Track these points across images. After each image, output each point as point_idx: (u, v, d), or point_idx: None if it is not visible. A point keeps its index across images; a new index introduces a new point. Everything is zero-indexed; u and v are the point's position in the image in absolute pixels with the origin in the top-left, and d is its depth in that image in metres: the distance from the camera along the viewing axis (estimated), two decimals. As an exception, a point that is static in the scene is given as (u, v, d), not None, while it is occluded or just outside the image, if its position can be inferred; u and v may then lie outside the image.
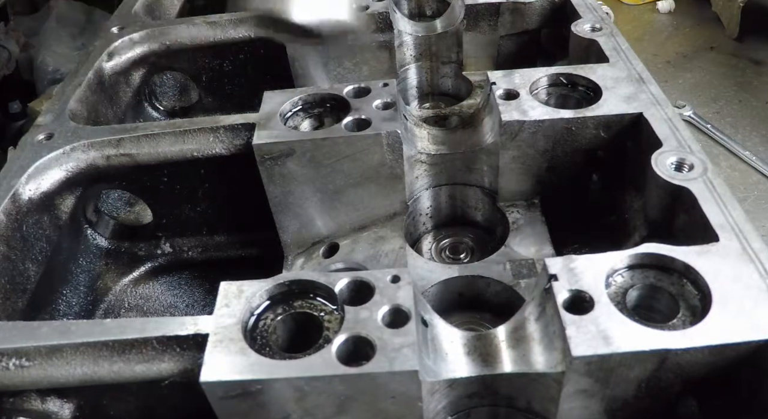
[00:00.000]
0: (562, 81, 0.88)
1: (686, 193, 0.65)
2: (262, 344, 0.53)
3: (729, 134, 2.72)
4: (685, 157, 0.69)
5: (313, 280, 0.56)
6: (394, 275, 0.56)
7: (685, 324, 0.53)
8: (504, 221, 0.93)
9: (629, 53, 0.90)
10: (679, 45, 3.43)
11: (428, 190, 0.98)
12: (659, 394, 0.54)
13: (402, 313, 0.53)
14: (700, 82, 3.11)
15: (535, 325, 0.57)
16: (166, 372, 0.55)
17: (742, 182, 2.51)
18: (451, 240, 1.02)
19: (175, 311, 1.02)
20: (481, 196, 0.97)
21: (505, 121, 0.81)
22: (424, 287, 0.83)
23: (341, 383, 0.50)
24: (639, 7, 3.81)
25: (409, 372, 0.49)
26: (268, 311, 0.56)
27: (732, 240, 0.58)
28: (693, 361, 0.51)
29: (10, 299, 0.74)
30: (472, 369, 0.57)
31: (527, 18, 1.11)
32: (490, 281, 0.84)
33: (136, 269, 1.00)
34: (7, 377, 0.54)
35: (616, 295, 0.56)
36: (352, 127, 0.83)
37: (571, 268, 0.56)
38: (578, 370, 0.51)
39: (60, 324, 0.55)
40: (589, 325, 0.51)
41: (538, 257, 0.86)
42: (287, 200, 0.88)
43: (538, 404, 0.58)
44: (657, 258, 0.57)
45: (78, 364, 0.54)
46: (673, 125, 0.75)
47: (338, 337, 0.51)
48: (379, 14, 1.07)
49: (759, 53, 3.23)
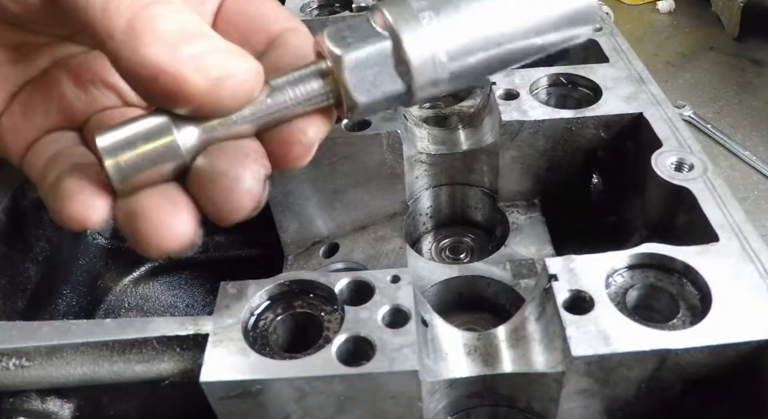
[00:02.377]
0: (562, 81, 0.88)
1: (686, 193, 0.65)
2: (262, 344, 0.53)
3: (729, 134, 2.72)
4: (685, 157, 0.69)
5: (313, 280, 0.56)
6: (394, 275, 0.56)
7: (685, 324, 0.53)
8: (504, 221, 0.93)
9: (629, 53, 0.90)
10: (679, 45, 3.43)
11: (428, 190, 0.98)
12: (659, 394, 0.54)
13: (402, 313, 0.53)
14: (700, 82, 3.11)
15: (535, 325, 0.57)
16: (166, 372, 0.55)
17: (742, 182, 2.51)
18: (451, 240, 1.02)
19: (175, 311, 1.02)
20: (481, 196, 0.97)
21: (505, 121, 0.81)
22: (424, 287, 0.83)
23: (341, 383, 0.50)
24: (639, 7, 3.81)
25: (409, 372, 0.49)
26: (268, 311, 0.56)
27: (732, 240, 0.58)
28: (693, 361, 0.51)
29: (10, 299, 0.74)
30: (472, 369, 0.57)
31: (527, 18, 1.11)
32: (490, 281, 0.84)
33: (136, 269, 1.00)
34: (7, 377, 0.54)
35: (616, 295, 0.56)
36: (351, 127, 0.83)
37: (571, 268, 0.56)
38: (578, 370, 0.51)
39: (60, 324, 0.55)
40: (589, 325, 0.51)
41: (538, 257, 0.86)
42: (287, 200, 0.88)
43: (539, 404, 0.58)
44: (657, 258, 0.57)
45: (78, 364, 0.54)
46: (673, 125, 0.75)
47: (338, 337, 0.51)
48: (379, 14, 1.07)
49: (759, 53, 3.23)
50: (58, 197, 0.47)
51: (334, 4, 1.11)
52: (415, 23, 0.46)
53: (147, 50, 0.41)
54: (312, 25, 1.02)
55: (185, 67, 0.41)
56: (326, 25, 1.04)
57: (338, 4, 1.11)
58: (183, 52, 0.42)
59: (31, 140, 0.55)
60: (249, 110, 0.47)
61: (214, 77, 0.42)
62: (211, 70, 0.42)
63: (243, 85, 0.44)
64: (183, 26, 0.43)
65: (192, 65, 0.42)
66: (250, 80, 0.45)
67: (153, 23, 0.42)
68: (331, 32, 0.48)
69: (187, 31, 0.43)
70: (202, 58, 0.42)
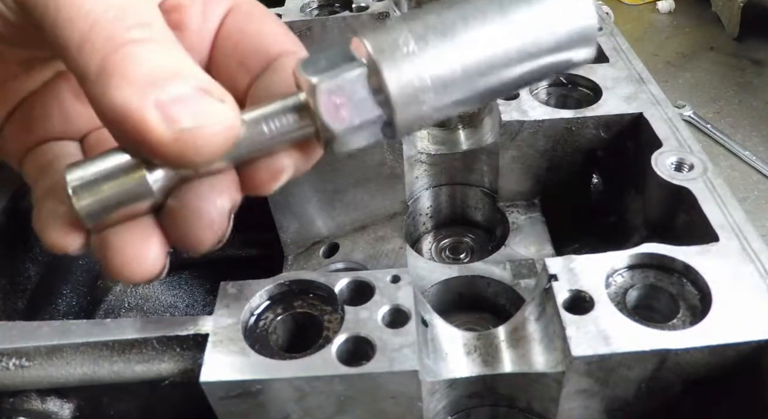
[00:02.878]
0: (562, 81, 0.88)
1: (686, 193, 0.65)
2: (262, 344, 0.53)
3: (729, 134, 2.72)
4: (685, 157, 0.69)
5: (313, 280, 0.56)
6: (394, 275, 0.56)
7: (685, 324, 0.53)
8: (504, 221, 0.93)
9: (629, 53, 0.90)
10: (679, 45, 3.43)
11: (428, 190, 0.98)
12: (659, 394, 0.54)
13: (402, 313, 0.53)
14: (700, 82, 3.11)
15: (535, 325, 0.57)
16: (166, 372, 0.55)
17: (742, 182, 2.51)
18: (451, 240, 1.02)
19: (175, 311, 1.02)
20: (481, 196, 0.97)
21: (505, 121, 0.81)
22: (424, 287, 0.83)
23: (341, 383, 0.50)
24: (639, 7, 3.81)
25: (409, 372, 0.49)
26: (268, 311, 0.56)
27: (732, 240, 0.58)
28: (693, 361, 0.51)
29: (10, 299, 0.74)
30: (472, 369, 0.57)
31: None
32: (490, 281, 0.84)
33: (136, 270, 1.00)
34: (7, 377, 0.54)
35: (616, 295, 0.56)
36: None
37: (571, 268, 0.56)
38: (578, 370, 0.51)
39: (60, 324, 0.55)
40: (589, 325, 0.51)
41: (538, 257, 0.86)
42: (287, 200, 0.88)
43: (538, 404, 0.58)
44: (657, 258, 0.57)
45: (78, 364, 0.54)
46: (673, 125, 0.75)
47: (338, 337, 0.51)
48: (379, 14, 1.07)
49: (759, 53, 3.23)
50: (41, 217, 0.46)
51: (334, 4, 1.11)
52: (395, 52, 0.43)
53: (115, 93, 0.39)
54: (312, 25, 1.03)
55: (150, 115, 0.39)
56: (326, 25, 1.04)
57: (338, 4, 1.11)
58: (150, 98, 0.39)
59: (31, 146, 0.55)
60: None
61: (179, 128, 0.39)
62: (180, 119, 0.39)
63: (212, 139, 0.41)
64: (157, 68, 0.40)
65: (158, 113, 0.39)
66: (221, 133, 0.41)
67: (124, 65, 0.39)
68: (305, 61, 0.44)
69: (161, 73, 0.40)
70: (172, 105, 0.40)
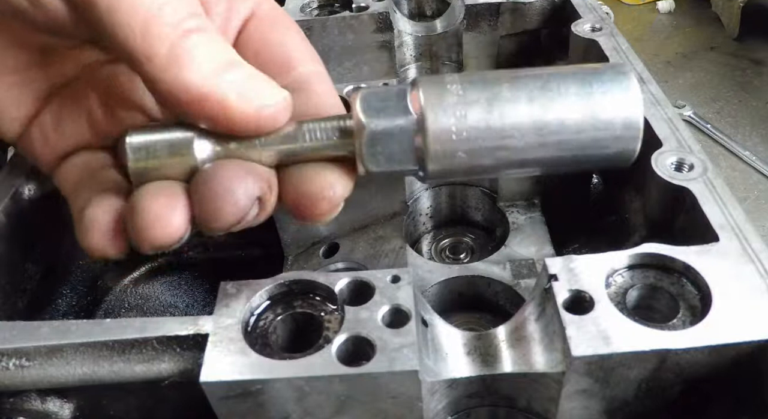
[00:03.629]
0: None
1: (686, 193, 0.65)
2: (262, 344, 0.53)
3: (729, 134, 2.72)
4: (685, 157, 0.69)
5: (313, 280, 0.56)
6: (394, 275, 0.56)
7: (685, 324, 0.53)
8: (504, 221, 0.93)
9: (629, 53, 0.90)
10: (679, 45, 3.43)
11: (428, 190, 0.98)
12: (659, 394, 0.54)
13: (402, 313, 0.53)
14: (700, 82, 3.12)
15: (535, 325, 0.57)
16: (166, 372, 0.54)
17: (742, 182, 2.52)
18: (451, 240, 1.02)
19: (175, 311, 1.02)
20: (481, 196, 0.97)
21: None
22: (424, 287, 0.83)
23: (341, 383, 0.50)
24: (639, 7, 3.81)
25: (409, 372, 0.49)
26: (268, 311, 0.56)
27: (732, 240, 0.58)
28: (693, 361, 0.51)
29: (10, 299, 0.74)
30: (472, 369, 0.57)
31: (527, 18, 1.11)
32: (490, 281, 0.84)
33: (136, 269, 1.00)
34: (7, 377, 0.54)
35: (616, 295, 0.56)
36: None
37: (571, 268, 0.56)
38: (578, 370, 0.51)
39: (60, 324, 0.55)
40: (589, 325, 0.51)
41: (538, 257, 0.86)
42: (287, 200, 0.88)
43: (538, 404, 0.58)
44: (657, 258, 0.57)
45: (78, 364, 0.54)
46: (673, 125, 0.75)
47: (338, 337, 0.51)
48: (379, 14, 1.07)
49: (759, 53, 3.23)
50: (82, 226, 0.50)
51: (334, 4, 1.12)
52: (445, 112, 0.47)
53: (193, 76, 0.44)
54: (312, 25, 1.03)
55: (229, 94, 0.45)
56: (326, 25, 1.04)
57: (338, 4, 1.11)
58: (225, 78, 0.45)
59: (62, 154, 0.57)
60: (271, 137, 0.49)
61: (258, 105, 0.46)
62: (252, 97, 0.46)
63: (276, 114, 0.48)
64: (220, 55, 0.47)
65: (235, 92, 0.45)
66: (282, 110, 0.48)
67: (194, 51, 0.45)
68: (365, 96, 0.49)
69: (224, 59, 0.47)
70: (242, 85, 0.46)
